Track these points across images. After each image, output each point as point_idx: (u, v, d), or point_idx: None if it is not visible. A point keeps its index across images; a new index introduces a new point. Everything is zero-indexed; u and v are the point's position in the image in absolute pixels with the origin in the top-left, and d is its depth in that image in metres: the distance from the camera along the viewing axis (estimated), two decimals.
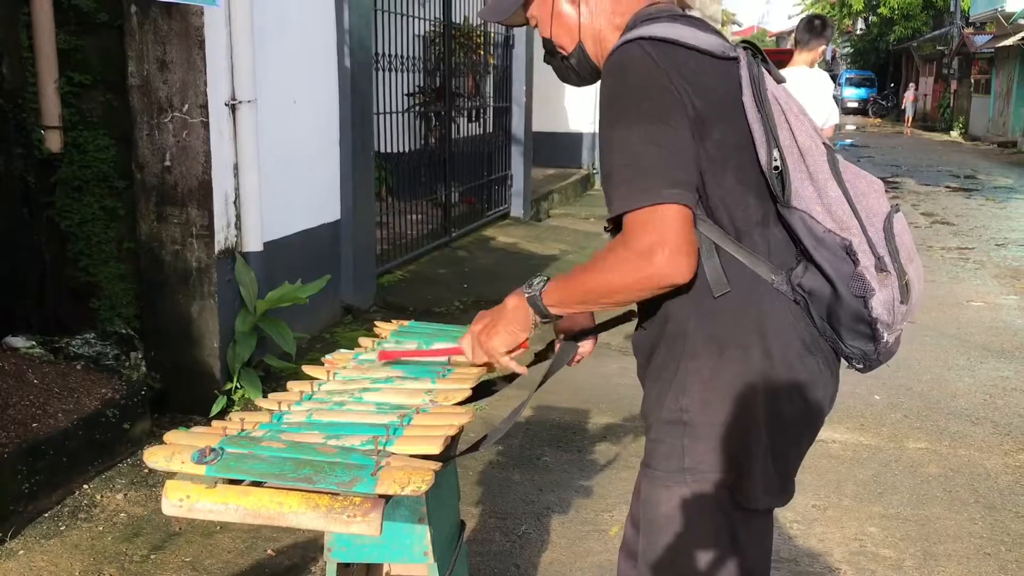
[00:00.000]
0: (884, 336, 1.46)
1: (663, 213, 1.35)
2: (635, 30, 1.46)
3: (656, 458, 1.54)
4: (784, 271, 1.46)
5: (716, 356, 1.47)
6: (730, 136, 1.43)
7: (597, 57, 1.60)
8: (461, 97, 8.50)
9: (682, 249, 1.35)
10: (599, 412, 4.25)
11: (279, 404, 1.68)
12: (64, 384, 3.52)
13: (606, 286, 1.43)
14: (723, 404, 1.46)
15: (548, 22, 1.62)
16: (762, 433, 1.46)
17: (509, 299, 1.61)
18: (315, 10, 5.06)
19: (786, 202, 1.43)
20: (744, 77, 1.45)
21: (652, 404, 1.55)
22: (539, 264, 7.44)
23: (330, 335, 5.17)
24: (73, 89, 4.06)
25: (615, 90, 1.43)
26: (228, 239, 4.16)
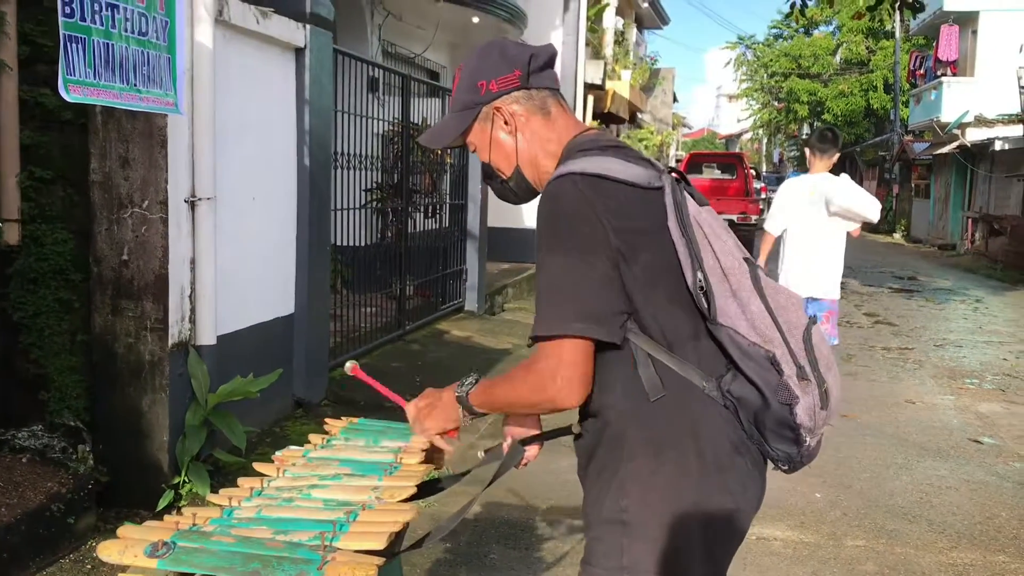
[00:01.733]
0: (807, 440, 1.58)
1: (565, 346, 1.51)
2: (568, 163, 1.60)
3: (596, 556, 1.62)
4: (714, 378, 1.59)
5: (653, 458, 1.57)
6: (657, 259, 1.57)
7: (534, 180, 1.76)
8: (418, 193, 8.70)
9: (575, 380, 1.53)
10: (548, 509, 4.30)
11: (230, 499, 1.73)
12: (8, 478, 3.50)
13: (513, 400, 1.64)
14: (660, 504, 1.56)
15: (487, 149, 1.77)
16: (697, 530, 1.56)
17: (446, 391, 1.81)
18: (276, 112, 5.23)
19: (712, 319, 1.57)
20: (668, 204, 1.60)
21: (592, 504, 1.64)
22: (493, 358, 7.52)
23: (280, 429, 5.17)
24: (34, 183, 4.13)
25: (547, 220, 1.57)
26: (182, 332, 4.20)
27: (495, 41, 1.78)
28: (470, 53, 1.79)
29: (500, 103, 1.72)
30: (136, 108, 3.13)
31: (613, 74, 18.23)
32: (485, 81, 1.71)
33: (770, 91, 40.40)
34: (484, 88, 1.71)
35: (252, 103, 4.88)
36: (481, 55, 1.75)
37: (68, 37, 2.42)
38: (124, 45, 2.61)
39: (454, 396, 1.77)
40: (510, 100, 1.72)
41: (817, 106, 36.01)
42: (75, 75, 2.45)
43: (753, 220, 17.81)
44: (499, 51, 1.73)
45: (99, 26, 2.51)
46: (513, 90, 1.71)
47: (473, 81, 1.72)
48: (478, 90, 1.72)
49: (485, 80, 1.71)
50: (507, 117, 1.72)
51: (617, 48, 19.38)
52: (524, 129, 1.73)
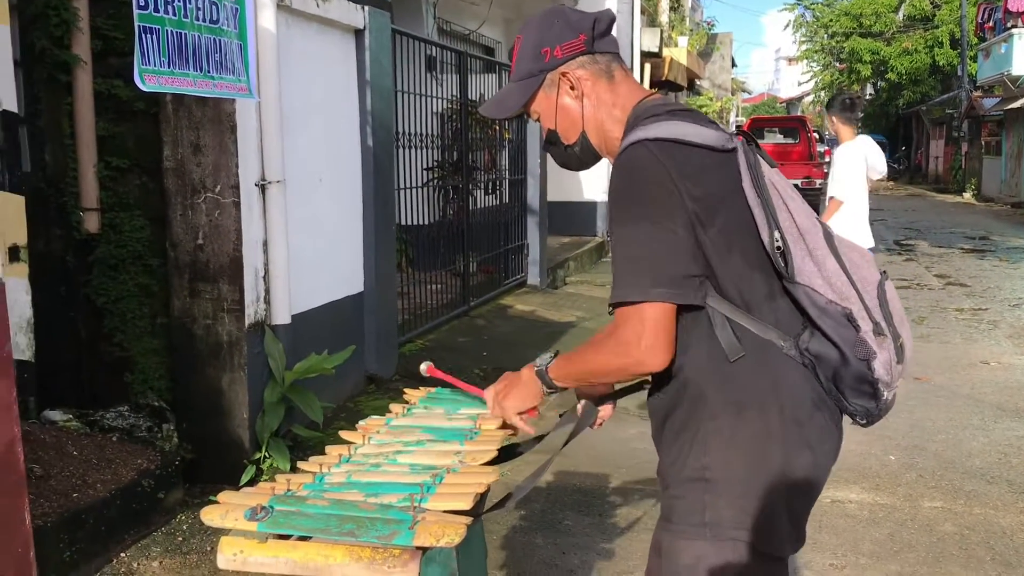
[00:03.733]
0: (884, 394, 1.61)
1: (647, 311, 1.53)
2: (639, 130, 1.61)
3: (677, 514, 1.65)
4: (792, 337, 1.61)
5: (735, 416, 1.60)
6: (732, 222, 1.59)
7: (599, 145, 1.78)
8: (478, 170, 8.75)
9: (659, 343, 1.54)
10: (619, 476, 4.34)
11: (320, 466, 1.81)
12: (101, 456, 3.66)
13: (595, 367, 1.66)
14: (743, 461, 1.60)
15: (552, 115, 1.77)
16: (779, 485, 1.59)
17: (524, 370, 1.84)
18: (340, 94, 5.31)
19: (790, 278, 1.58)
20: (742, 165, 1.62)
21: (671, 463, 1.67)
22: (556, 331, 7.57)
23: (354, 404, 5.29)
24: (111, 173, 4.27)
25: (622, 189, 1.59)
26: (257, 313, 4.32)
27: (555, 8, 1.79)
28: (528, 23, 1.79)
29: (565, 68, 1.72)
30: (210, 95, 3.22)
31: (669, 41, 18.00)
32: (549, 48, 1.72)
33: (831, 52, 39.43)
34: (548, 55, 1.72)
35: (315, 86, 4.96)
36: (543, 23, 1.75)
37: (142, 28, 2.50)
38: (196, 33, 2.68)
39: (532, 373, 1.79)
40: (575, 65, 1.72)
41: (880, 65, 35.04)
42: (150, 65, 2.53)
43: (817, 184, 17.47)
44: (562, 17, 1.74)
45: (171, 16, 2.59)
46: (578, 55, 1.72)
47: (537, 49, 1.73)
48: (542, 57, 1.73)
49: (549, 47, 1.72)
50: (573, 82, 1.73)
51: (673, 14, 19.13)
52: (590, 94, 1.73)
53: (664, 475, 1.70)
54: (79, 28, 4.02)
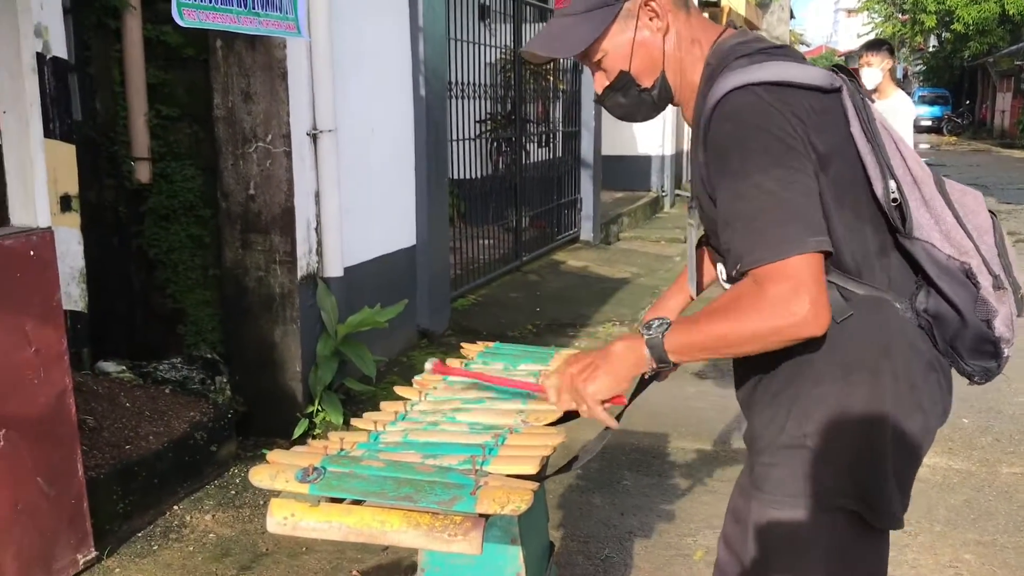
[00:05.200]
0: (1005, 351, 1.48)
1: (803, 263, 1.31)
2: (737, 73, 1.41)
3: (770, 483, 1.51)
4: (906, 296, 1.46)
5: (842, 381, 1.46)
6: (844, 171, 1.42)
7: (676, 87, 1.57)
8: (531, 123, 8.57)
9: (821, 300, 1.32)
10: (678, 436, 4.21)
11: (375, 424, 1.71)
12: (154, 407, 3.63)
13: (739, 334, 1.37)
14: (851, 428, 1.45)
15: (627, 54, 1.53)
16: (889, 453, 1.46)
17: (617, 343, 1.52)
18: (392, 41, 5.16)
19: (907, 233, 1.43)
20: (849, 108, 1.44)
21: (763, 428, 1.53)
22: (611, 287, 7.42)
23: (407, 358, 5.22)
24: (161, 122, 4.20)
25: (737, 138, 1.38)
26: (310, 265, 4.24)
27: None
28: None
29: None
30: (255, 32, 3.08)
31: None
32: None
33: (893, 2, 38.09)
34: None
35: (367, 32, 4.82)
36: None
37: None
38: None
39: (638, 343, 1.47)
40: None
41: (945, 15, 33.74)
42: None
43: None
44: None
45: None
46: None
47: None
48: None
49: None
50: (658, 11, 1.51)
51: None
52: (672, 27, 1.53)
53: (754, 440, 1.55)
54: None
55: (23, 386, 2.64)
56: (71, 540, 2.85)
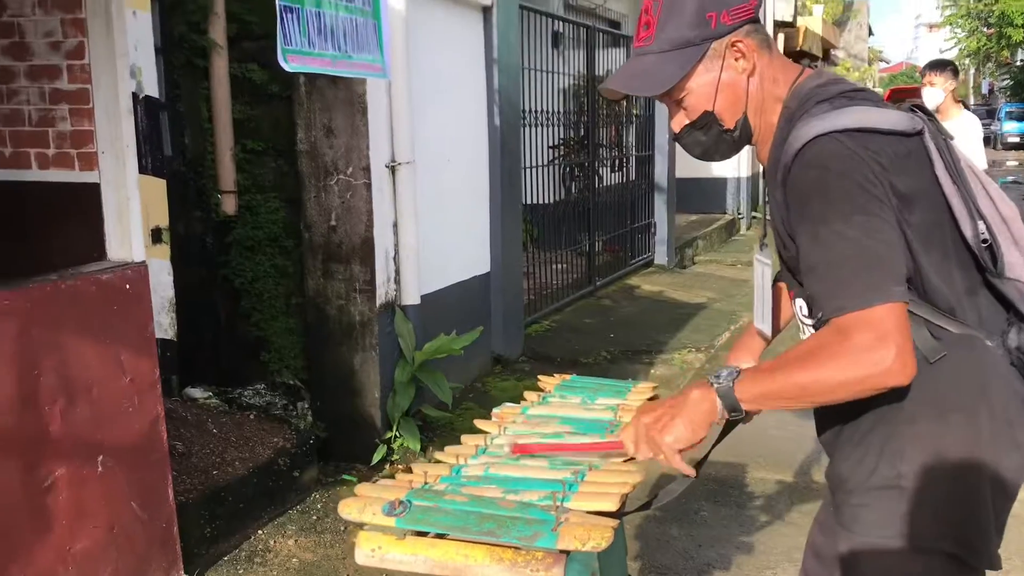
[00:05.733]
0: None
1: (889, 312, 1.31)
2: (818, 120, 1.41)
3: (862, 524, 1.50)
4: (997, 334, 1.46)
5: (937, 421, 1.45)
6: (929, 214, 1.42)
7: (756, 128, 1.57)
8: (604, 147, 8.59)
9: (907, 350, 1.31)
10: (757, 466, 4.16)
11: (457, 457, 1.74)
12: (239, 433, 3.74)
13: (822, 383, 1.36)
14: (948, 468, 1.44)
15: (711, 94, 1.53)
16: (988, 492, 1.44)
17: (691, 391, 1.51)
18: (467, 74, 5.26)
19: (999, 273, 1.43)
20: (932, 151, 1.44)
21: (852, 470, 1.52)
22: (686, 313, 7.37)
23: (482, 384, 5.27)
24: (247, 156, 4.35)
25: (820, 185, 1.38)
26: (388, 293, 4.33)
27: None
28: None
29: (736, 37, 1.51)
30: (348, 74, 3.21)
31: (803, 10, 17.28)
32: (716, 12, 1.49)
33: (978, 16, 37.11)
34: (715, 20, 1.50)
35: (443, 66, 4.92)
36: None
37: (284, 8, 2.49)
38: (334, 13, 2.67)
39: (709, 392, 1.47)
40: (742, 34, 1.52)
41: None
42: (292, 45, 2.52)
43: None
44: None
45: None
46: (746, 22, 1.52)
47: (700, 12, 1.50)
48: (707, 23, 1.50)
49: (716, 11, 1.49)
50: (746, 52, 1.52)
51: None
52: (756, 68, 1.53)
53: (842, 481, 1.54)
54: (215, 13, 4.08)
55: (119, 414, 2.76)
56: (162, 563, 2.96)
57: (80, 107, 2.89)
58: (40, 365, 2.49)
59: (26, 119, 2.98)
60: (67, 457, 2.57)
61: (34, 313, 2.49)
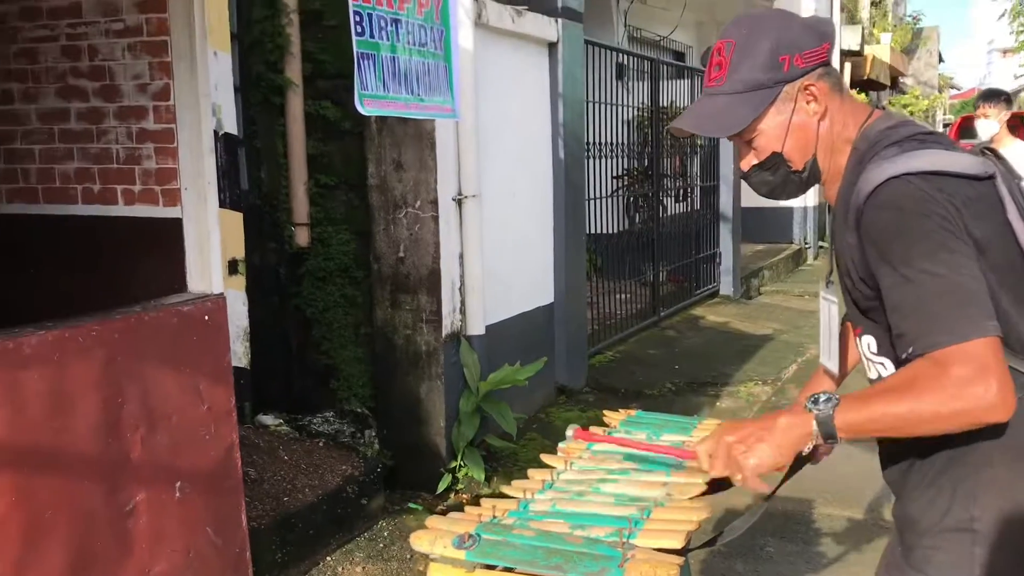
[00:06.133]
0: None
1: (988, 345, 1.32)
2: (890, 162, 1.43)
3: (935, 566, 1.49)
4: None
5: (1015, 463, 1.45)
6: (1001, 257, 1.43)
7: (825, 169, 1.59)
8: (668, 177, 8.60)
9: (1007, 385, 1.31)
10: (824, 501, 4.10)
11: (524, 492, 1.78)
12: (309, 460, 3.83)
13: (919, 415, 1.36)
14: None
15: (781, 136, 1.55)
16: None
17: (781, 416, 1.50)
18: (532, 109, 5.35)
19: None
20: (1004, 195, 1.45)
21: (923, 511, 1.52)
22: (752, 344, 7.30)
23: (545, 415, 5.30)
24: (319, 190, 4.48)
25: (897, 227, 1.40)
26: (454, 324, 4.40)
27: (778, 11, 1.63)
28: (746, 23, 1.57)
29: (808, 80, 1.54)
30: (421, 116, 3.32)
31: (871, 38, 17.07)
32: (790, 56, 1.51)
33: None
34: (788, 63, 1.52)
35: (509, 101, 5.01)
36: (776, 23, 1.55)
37: (360, 55, 2.59)
38: (407, 57, 2.77)
39: (806, 419, 1.44)
40: (814, 77, 1.54)
41: None
42: (368, 89, 2.62)
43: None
44: (797, 19, 1.57)
45: (386, 41, 2.68)
46: (819, 66, 1.54)
47: (773, 55, 1.52)
48: (780, 66, 1.52)
49: (790, 55, 1.51)
50: (817, 96, 1.54)
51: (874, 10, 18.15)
52: (827, 111, 1.55)
53: (913, 523, 1.53)
54: (291, 53, 4.24)
55: (196, 441, 2.86)
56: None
57: (165, 146, 3.03)
58: (124, 393, 2.60)
59: (114, 157, 3.13)
60: (147, 483, 2.68)
61: (119, 343, 2.61)
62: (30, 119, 3.28)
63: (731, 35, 1.56)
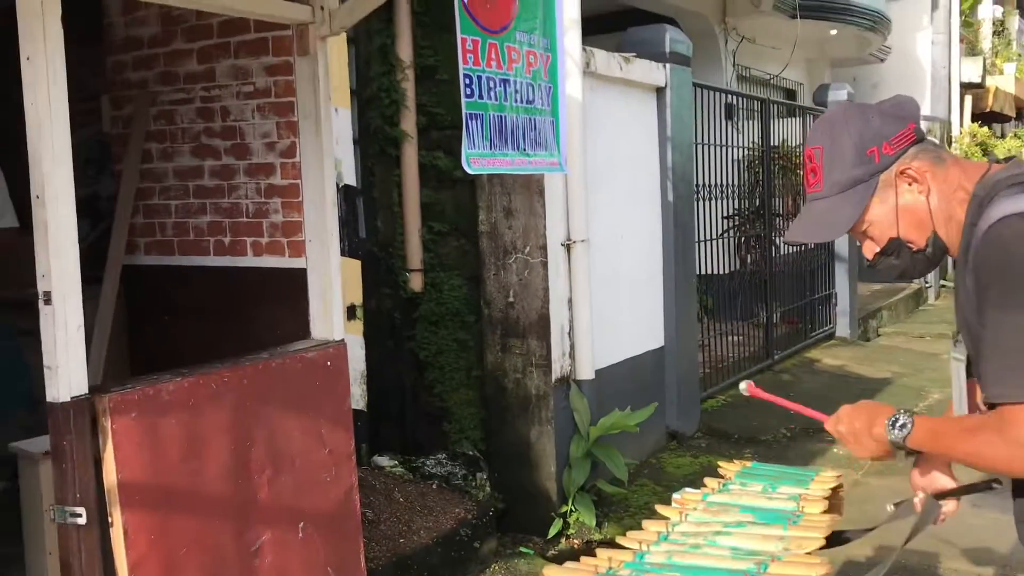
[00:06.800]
0: None
1: None
2: (1004, 202, 1.43)
3: None
4: None
5: None
6: None
7: (948, 238, 1.57)
8: (780, 217, 8.47)
9: None
10: (950, 555, 3.93)
11: (640, 543, 1.79)
12: (423, 502, 3.91)
13: (978, 459, 1.47)
14: None
15: (892, 221, 1.58)
16: None
17: (875, 428, 1.63)
18: (639, 152, 5.38)
19: None
20: None
21: None
22: (871, 388, 7.07)
23: (656, 460, 5.25)
24: (432, 237, 4.61)
25: (999, 269, 1.40)
26: (563, 368, 4.44)
27: (854, 107, 1.63)
28: (826, 126, 1.61)
29: (903, 164, 1.55)
30: (526, 172, 3.40)
31: (993, 69, 16.46)
32: (877, 147, 1.55)
33: None
34: (877, 154, 1.55)
35: (617, 146, 5.06)
36: (854, 120, 1.58)
37: (469, 115, 2.69)
38: (514, 115, 2.86)
39: (884, 435, 1.61)
40: (909, 158, 1.56)
41: None
42: (475, 148, 2.71)
43: None
44: (873, 110, 1.59)
45: (493, 101, 2.78)
46: (909, 146, 1.56)
47: (859, 151, 1.55)
48: (870, 159, 1.55)
49: (876, 145, 1.55)
50: (917, 176, 1.55)
51: (996, 40, 17.50)
52: (933, 186, 1.55)
53: None
54: (407, 107, 4.41)
55: (318, 483, 2.97)
56: None
57: (291, 200, 3.19)
58: (252, 436, 2.73)
59: (244, 211, 3.32)
60: (273, 523, 2.79)
61: (248, 388, 2.74)
62: (167, 176, 3.51)
63: (817, 141, 1.62)
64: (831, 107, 8.66)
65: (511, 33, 2.82)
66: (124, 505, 2.34)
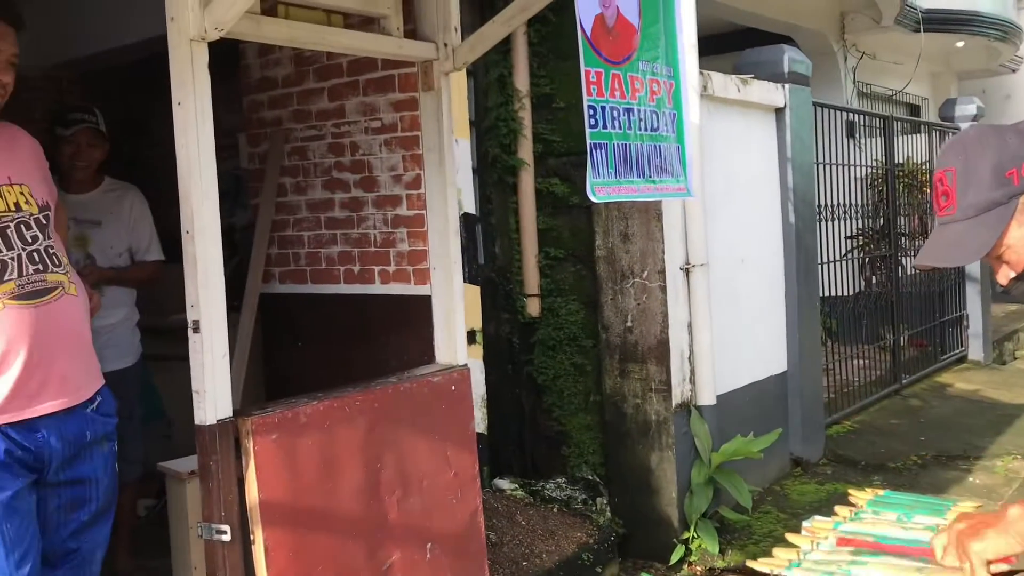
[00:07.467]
0: None
1: None
2: None
3: None
4: None
5: None
6: None
7: None
8: (906, 236, 8.19)
9: None
10: None
11: (771, 570, 1.78)
12: (544, 526, 3.94)
13: None
14: None
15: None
16: None
17: (1013, 507, 1.50)
18: (759, 173, 5.31)
19: None
20: None
21: None
22: (1008, 415, 6.73)
23: (780, 487, 5.14)
24: (549, 262, 4.67)
25: None
26: (683, 393, 4.41)
27: (989, 128, 1.58)
28: (958, 148, 1.57)
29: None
30: (653, 198, 3.42)
31: None
32: (1016, 168, 1.50)
33: None
34: (1017, 176, 1.50)
35: (735, 167, 5.01)
36: (990, 142, 1.54)
37: (593, 145, 2.74)
38: (639, 143, 2.88)
39: None
40: None
41: None
42: (599, 177, 2.75)
43: None
44: (1011, 131, 1.54)
45: (617, 130, 2.81)
46: None
47: (997, 173, 1.51)
48: (1008, 181, 1.51)
49: (1016, 166, 1.50)
50: None
51: None
52: None
53: None
54: (524, 135, 4.49)
55: (445, 505, 3.04)
56: None
57: (416, 230, 3.30)
58: (382, 459, 2.83)
59: (372, 241, 3.45)
60: (402, 543, 2.87)
61: (378, 411, 2.84)
62: (300, 209, 3.69)
63: (949, 163, 1.57)
64: (958, 122, 8.36)
65: (634, 63, 2.86)
66: (265, 523, 2.46)
